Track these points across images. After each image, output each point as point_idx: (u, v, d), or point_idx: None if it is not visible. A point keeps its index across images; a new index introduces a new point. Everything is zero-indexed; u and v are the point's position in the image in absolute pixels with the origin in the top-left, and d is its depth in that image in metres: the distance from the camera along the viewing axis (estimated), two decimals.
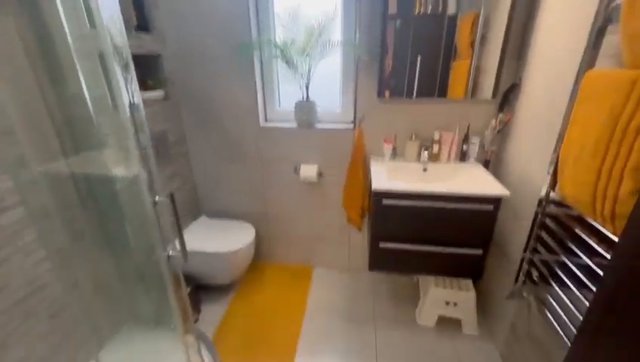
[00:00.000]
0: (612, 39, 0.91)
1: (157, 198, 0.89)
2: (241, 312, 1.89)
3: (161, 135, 1.80)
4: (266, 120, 1.98)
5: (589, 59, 0.95)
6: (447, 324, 1.75)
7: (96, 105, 1.32)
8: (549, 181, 1.14)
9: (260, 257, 2.28)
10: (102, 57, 1.17)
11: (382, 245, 1.55)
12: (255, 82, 1.81)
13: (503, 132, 1.63)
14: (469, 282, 1.73)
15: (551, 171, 1.13)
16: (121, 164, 1.37)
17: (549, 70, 1.28)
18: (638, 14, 0.75)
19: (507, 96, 1.56)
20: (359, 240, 2.11)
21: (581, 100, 0.91)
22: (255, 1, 1.71)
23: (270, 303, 1.95)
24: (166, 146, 1.83)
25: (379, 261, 1.61)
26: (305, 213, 2.10)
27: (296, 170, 1.94)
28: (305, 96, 1.79)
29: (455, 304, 1.70)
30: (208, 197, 2.18)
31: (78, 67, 1.25)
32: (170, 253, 0.96)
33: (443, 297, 1.70)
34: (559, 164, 1.02)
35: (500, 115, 1.58)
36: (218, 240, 1.87)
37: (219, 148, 2.01)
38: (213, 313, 1.87)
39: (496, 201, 1.37)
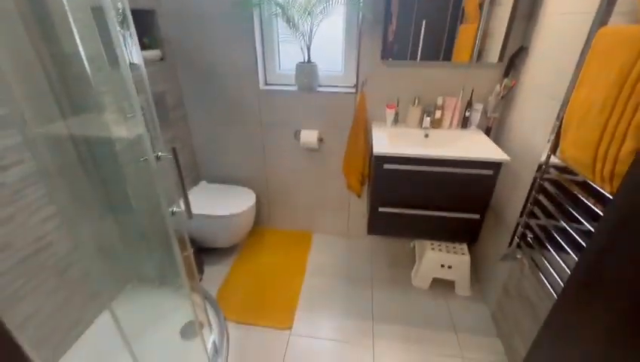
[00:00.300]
0: None
1: (159, 154, 0.88)
2: (242, 273, 1.95)
3: (159, 97, 1.76)
4: (265, 82, 1.93)
5: (603, 16, 0.92)
6: (441, 285, 1.82)
7: (94, 63, 1.27)
8: (549, 146, 1.15)
9: (260, 223, 2.32)
10: (99, 11, 1.12)
11: (381, 209, 1.57)
12: (255, 42, 1.75)
13: (506, 98, 1.61)
14: (464, 246, 1.79)
15: (552, 137, 1.13)
16: (122, 124, 1.35)
17: (559, 31, 1.24)
18: None
19: (513, 61, 1.53)
20: (359, 206, 2.14)
21: (592, 58, 0.89)
22: None
23: (271, 265, 2.01)
24: (165, 109, 1.80)
25: (378, 225, 1.65)
26: (305, 179, 2.11)
27: (297, 136, 1.92)
28: (306, 58, 1.74)
29: (450, 267, 1.76)
30: (208, 162, 2.17)
31: (71, 21, 1.20)
32: (175, 209, 0.97)
33: (439, 260, 1.76)
34: (563, 127, 1.02)
35: (505, 80, 1.55)
36: (219, 204, 1.89)
37: (218, 111, 1.97)
38: (215, 274, 1.93)
39: (496, 166, 1.38)
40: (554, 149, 1.13)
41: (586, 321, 0.64)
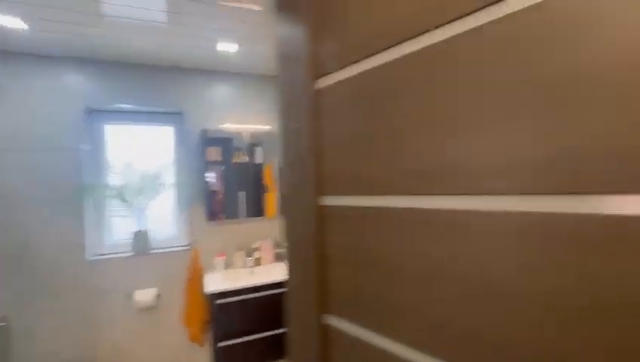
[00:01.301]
0: None
1: None
2: None
3: None
4: (96, 254, 2.01)
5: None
6: None
7: None
8: None
9: None
10: None
11: (220, 344, 1.73)
12: (83, 221, 1.92)
13: None
14: None
15: None
16: None
17: None
18: None
19: None
20: (204, 358, 2.13)
21: None
22: (85, 151, 2.01)
23: None
24: None
25: None
26: (143, 342, 2.01)
27: (130, 297, 1.96)
28: (141, 227, 2.03)
29: None
30: (23, 347, 1.78)
31: None
32: None
33: None
34: None
35: None
36: None
37: (39, 291, 1.83)
38: None
39: None
40: None
41: None
